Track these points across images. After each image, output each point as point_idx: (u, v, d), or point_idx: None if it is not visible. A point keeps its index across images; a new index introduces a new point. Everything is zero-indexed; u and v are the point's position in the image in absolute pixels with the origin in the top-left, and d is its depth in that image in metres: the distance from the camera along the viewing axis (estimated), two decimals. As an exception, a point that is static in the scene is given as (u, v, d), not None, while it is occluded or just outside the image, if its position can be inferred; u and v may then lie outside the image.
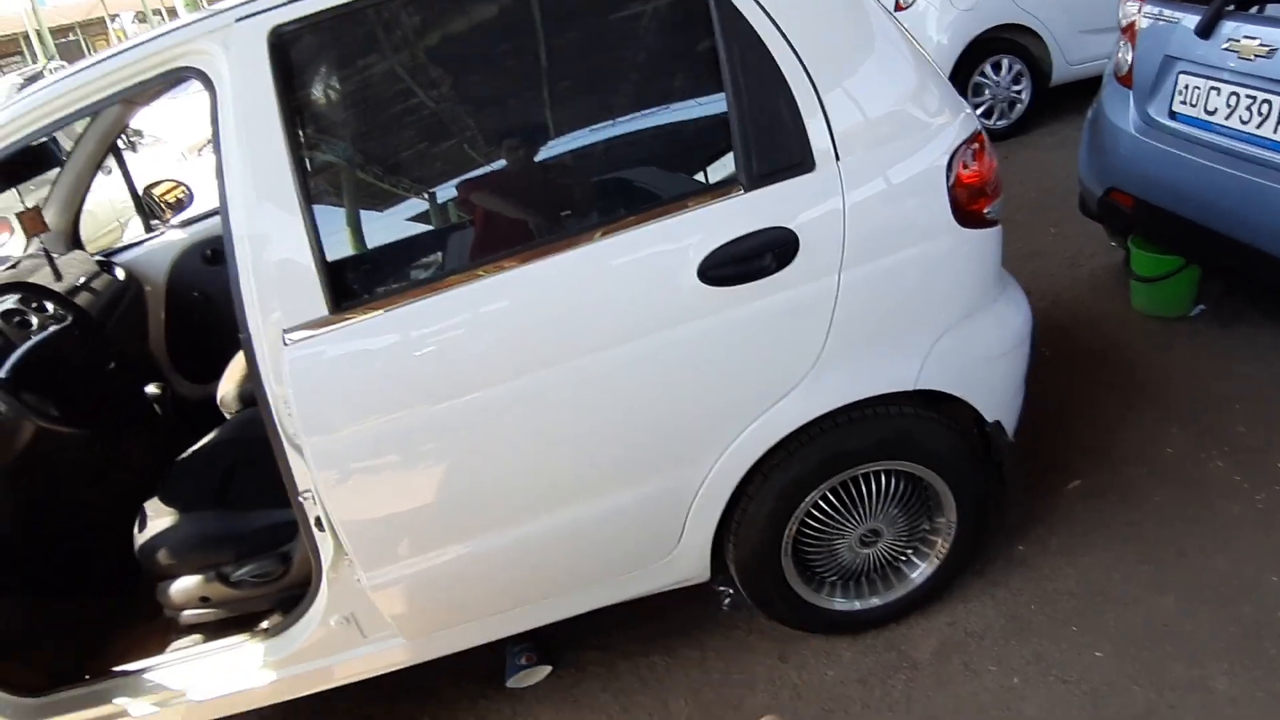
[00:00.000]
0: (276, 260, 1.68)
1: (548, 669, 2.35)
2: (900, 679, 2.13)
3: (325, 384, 1.72)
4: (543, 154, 1.88)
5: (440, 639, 2.08)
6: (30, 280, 2.62)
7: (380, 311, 1.72)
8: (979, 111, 5.30)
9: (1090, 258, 3.74)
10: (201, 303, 3.11)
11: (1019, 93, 5.33)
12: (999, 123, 5.35)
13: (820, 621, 2.20)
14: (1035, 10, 5.12)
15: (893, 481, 2.04)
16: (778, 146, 1.74)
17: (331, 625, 1.98)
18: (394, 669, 2.13)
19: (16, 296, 2.50)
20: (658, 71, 1.90)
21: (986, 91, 5.28)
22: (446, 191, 1.89)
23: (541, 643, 2.38)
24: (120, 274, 3.05)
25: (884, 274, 1.81)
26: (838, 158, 1.74)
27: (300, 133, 1.72)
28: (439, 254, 1.89)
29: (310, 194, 1.70)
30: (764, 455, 1.90)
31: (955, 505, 2.09)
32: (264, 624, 2.17)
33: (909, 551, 2.20)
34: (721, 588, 2.31)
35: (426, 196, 1.91)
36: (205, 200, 3.60)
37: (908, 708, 2.06)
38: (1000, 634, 2.18)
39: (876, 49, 1.82)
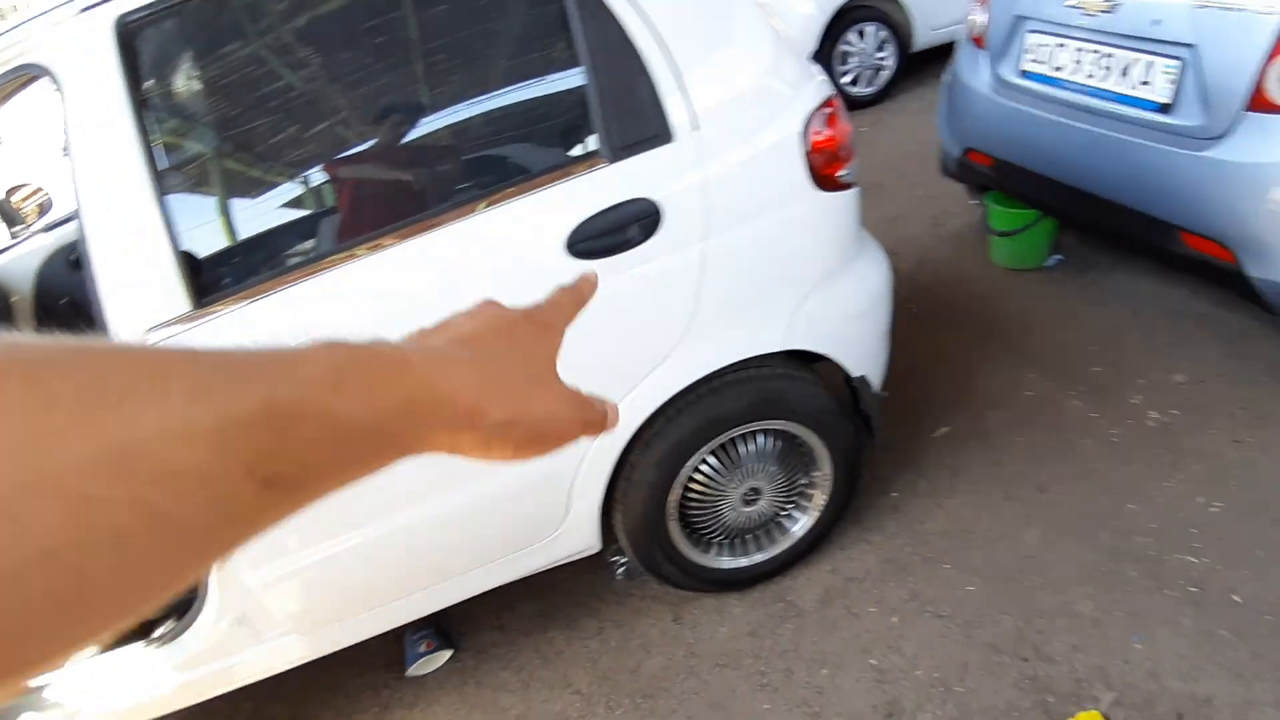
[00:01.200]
0: (132, 257, 1.63)
1: (448, 653, 2.35)
2: (788, 628, 2.22)
3: None
4: (406, 134, 1.87)
5: (336, 631, 2.06)
6: None
7: (245, 302, 1.68)
8: (846, 80, 5.43)
9: (952, 217, 3.92)
10: (70, 310, 2.94)
11: (884, 60, 5.48)
12: (866, 90, 5.49)
13: (709, 581, 2.27)
14: (895, -23, 5.27)
15: (770, 440, 2.11)
16: (636, 118, 1.77)
17: (224, 627, 1.94)
18: (295, 665, 2.09)
19: None
20: (520, 48, 1.90)
21: (853, 60, 5.42)
22: (307, 175, 1.86)
23: (440, 628, 2.38)
24: (-18, 285, 2.86)
25: (747, 240, 1.87)
26: (696, 128, 1.78)
27: (152, 125, 1.66)
28: (302, 239, 1.85)
29: (164, 187, 1.64)
30: (643, 424, 1.94)
31: (829, 458, 2.18)
32: (158, 631, 2.10)
33: (789, 506, 2.28)
34: (614, 558, 2.36)
35: (286, 181, 1.86)
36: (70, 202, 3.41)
37: (796, 654, 2.16)
38: (878, 577, 2.29)
39: (731, 23, 1.87)
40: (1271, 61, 2.28)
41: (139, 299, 1.64)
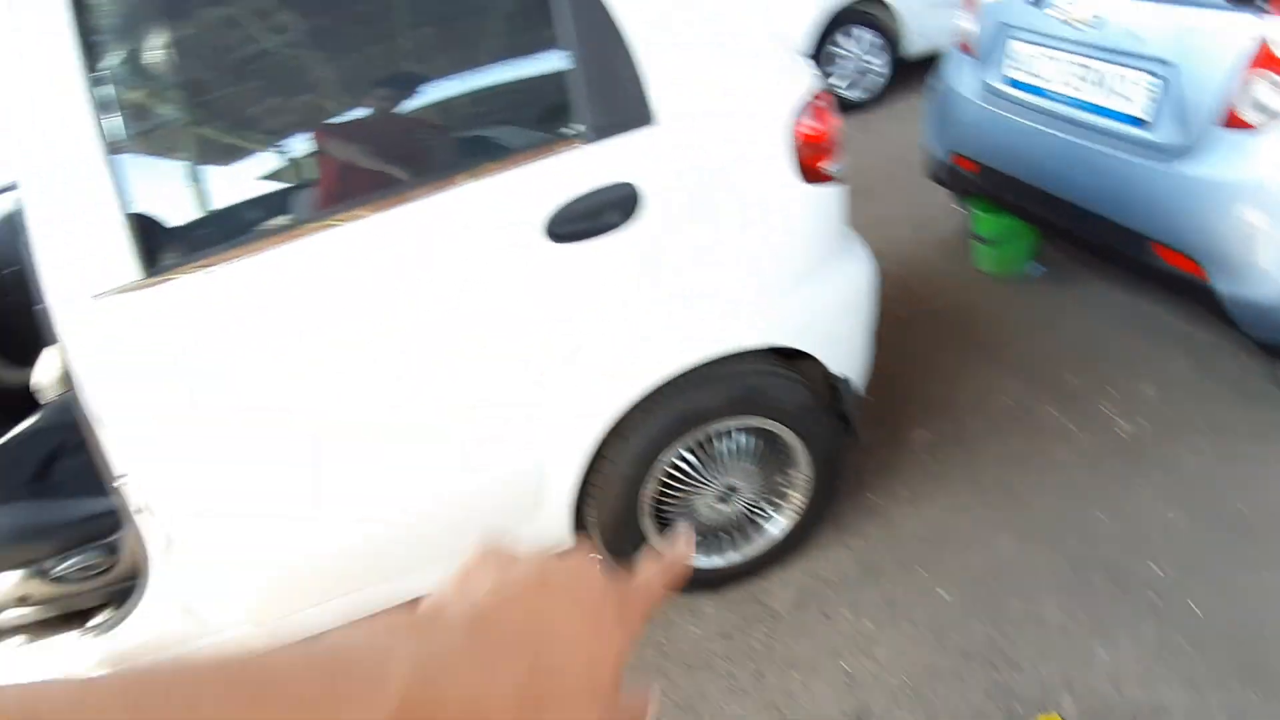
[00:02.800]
0: (77, 220, 1.52)
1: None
2: (761, 630, 2.18)
3: (138, 355, 1.58)
4: (382, 106, 1.80)
5: (293, 625, 1.99)
6: None
7: (200, 271, 1.59)
8: (835, 81, 5.42)
9: (937, 222, 3.91)
10: (16, 278, 2.83)
11: (875, 65, 5.47)
12: (858, 94, 5.47)
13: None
14: (888, -17, 5.27)
15: (748, 437, 2.07)
16: (619, 100, 1.72)
17: (168, 617, 1.86)
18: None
19: None
20: (503, 24, 1.84)
21: (845, 63, 5.40)
22: (272, 142, 1.76)
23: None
24: (-81, 249, 2.75)
25: (730, 230, 1.83)
26: (680, 112, 1.73)
27: (103, 74, 1.53)
28: (263, 208, 1.75)
29: (114, 145, 1.53)
30: (620, 417, 1.89)
31: (808, 459, 2.14)
32: (96, 620, 2.02)
33: (766, 506, 2.24)
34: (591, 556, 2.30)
35: (251, 147, 1.77)
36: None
37: (768, 656, 2.11)
38: (854, 581, 2.26)
39: (719, 6, 1.82)
40: (1243, 80, 2.31)
41: (82, 265, 1.52)
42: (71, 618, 2.07)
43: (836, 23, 5.24)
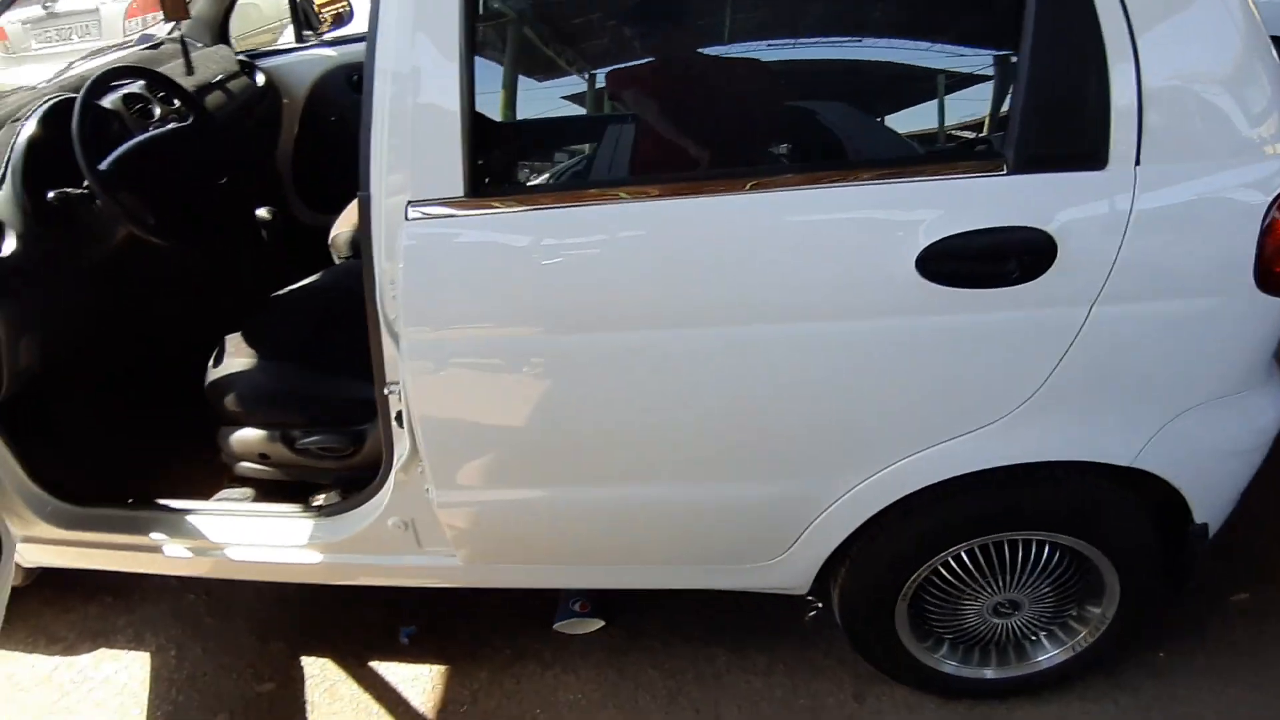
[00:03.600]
0: (418, 122, 1.39)
1: (600, 623, 2.15)
2: (989, 765, 1.86)
3: (442, 273, 1.45)
4: (760, 73, 1.54)
5: (497, 572, 1.90)
6: (160, 70, 2.38)
7: (521, 209, 1.45)
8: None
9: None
10: (337, 127, 2.90)
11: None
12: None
13: (913, 674, 1.91)
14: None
15: (1055, 556, 1.71)
16: (1067, 127, 1.36)
17: (388, 525, 1.79)
18: (441, 586, 1.96)
19: (144, 83, 2.27)
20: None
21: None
22: (633, 93, 1.57)
23: (600, 594, 2.17)
24: (261, 79, 2.85)
25: (1146, 320, 1.43)
26: (1138, 161, 1.34)
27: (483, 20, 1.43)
28: (607, 162, 1.57)
29: (475, 47, 1.39)
30: (922, 489, 1.58)
31: (1118, 601, 1.76)
32: (319, 498, 2.02)
33: (1043, 632, 1.88)
34: (810, 597, 2.04)
35: (609, 95, 1.59)
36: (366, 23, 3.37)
37: (990, 801, 1.80)
38: (1115, 749, 1.88)
39: (1231, 37, 1.38)
40: None
41: (413, 163, 1.41)
42: (296, 488, 2.08)
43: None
